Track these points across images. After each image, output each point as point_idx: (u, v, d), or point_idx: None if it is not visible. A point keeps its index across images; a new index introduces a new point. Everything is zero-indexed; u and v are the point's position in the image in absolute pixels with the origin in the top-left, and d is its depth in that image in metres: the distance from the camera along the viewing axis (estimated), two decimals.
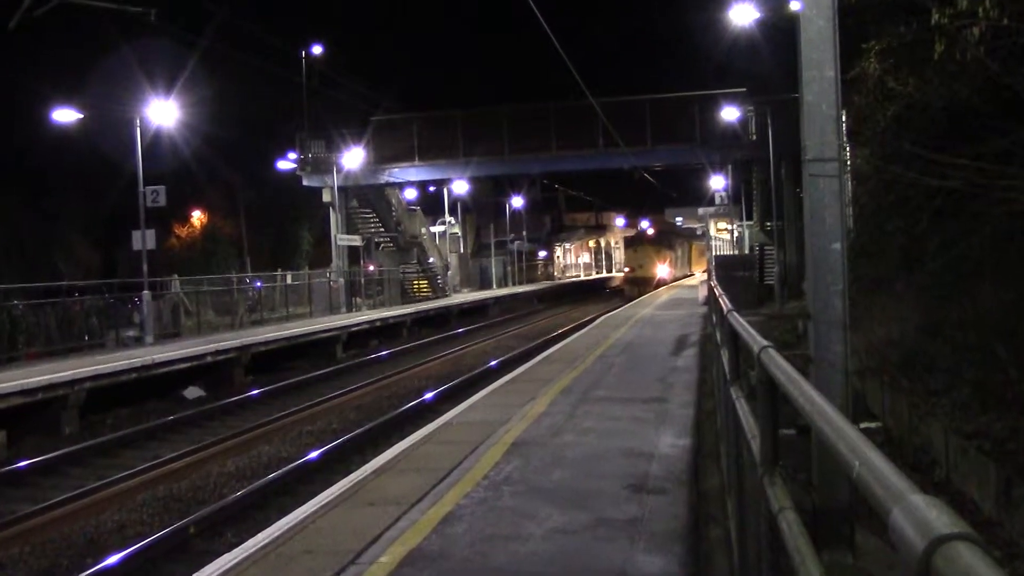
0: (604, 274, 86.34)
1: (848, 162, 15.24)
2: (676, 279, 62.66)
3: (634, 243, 62.16)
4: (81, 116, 25.40)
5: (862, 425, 10.67)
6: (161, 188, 24.55)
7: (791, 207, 34.05)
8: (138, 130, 24.04)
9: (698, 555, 5.76)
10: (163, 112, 25.58)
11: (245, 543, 6.21)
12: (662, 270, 58.33)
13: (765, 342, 3.59)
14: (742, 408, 4.37)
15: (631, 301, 42.39)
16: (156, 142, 28.01)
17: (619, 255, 70.95)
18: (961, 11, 9.11)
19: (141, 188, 23.96)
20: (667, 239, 64.74)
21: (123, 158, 28.99)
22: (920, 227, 13.41)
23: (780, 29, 20.14)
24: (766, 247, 34.60)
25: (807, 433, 3.07)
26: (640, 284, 55.13)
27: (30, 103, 35.47)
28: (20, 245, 42.77)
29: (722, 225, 55.24)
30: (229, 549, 6.64)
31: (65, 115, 25.20)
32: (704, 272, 63.74)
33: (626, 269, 60.42)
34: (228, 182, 51.83)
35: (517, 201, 63.74)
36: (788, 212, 34.35)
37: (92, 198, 45.55)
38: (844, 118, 10.96)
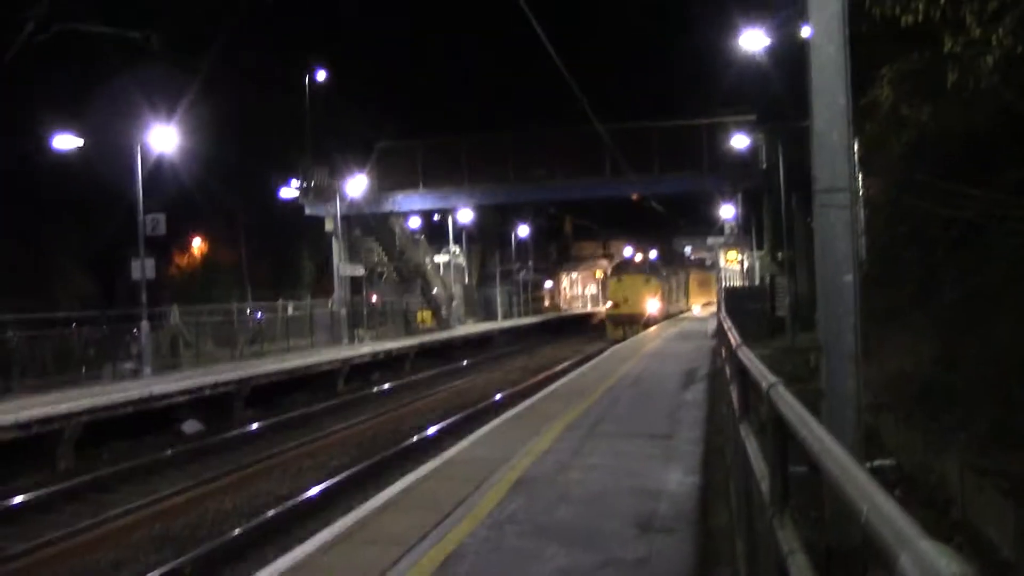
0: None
1: (860, 192, 15.28)
2: (669, 316, 53.06)
3: (618, 272, 52.32)
4: (81, 143, 25.56)
5: (875, 462, 10.61)
6: (161, 216, 24.67)
7: (802, 237, 34.05)
8: (139, 157, 24.16)
9: None
10: (163, 139, 25.67)
11: None
12: (652, 305, 48.79)
13: (774, 379, 3.59)
14: (751, 446, 4.37)
15: (614, 344, 35.75)
16: (156, 170, 28.11)
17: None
18: (974, 39, 9.16)
19: (141, 217, 24.07)
20: (657, 268, 55.39)
21: (122, 185, 29.11)
22: (935, 258, 13.40)
23: (790, 58, 20.25)
24: (777, 278, 34.55)
25: (819, 470, 3.07)
26: (625, 323, 46.93)
27: (27, 130, 35.69)
28: (16, 274, 42.85)
29: (732, 255, 54.54)
30: None
31: (65, 141, 25.36)
32: (704, 306, 61.72)
33: (608, 304, 50.84)
34: (229, 210, 51.99)
35: (523, 230, 63.74)
36: (799, 242, 34.35)
37: (90, 226, 45.69)
38: (856, 147, 11.00)
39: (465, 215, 49.31)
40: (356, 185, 38.51)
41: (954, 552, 1.44)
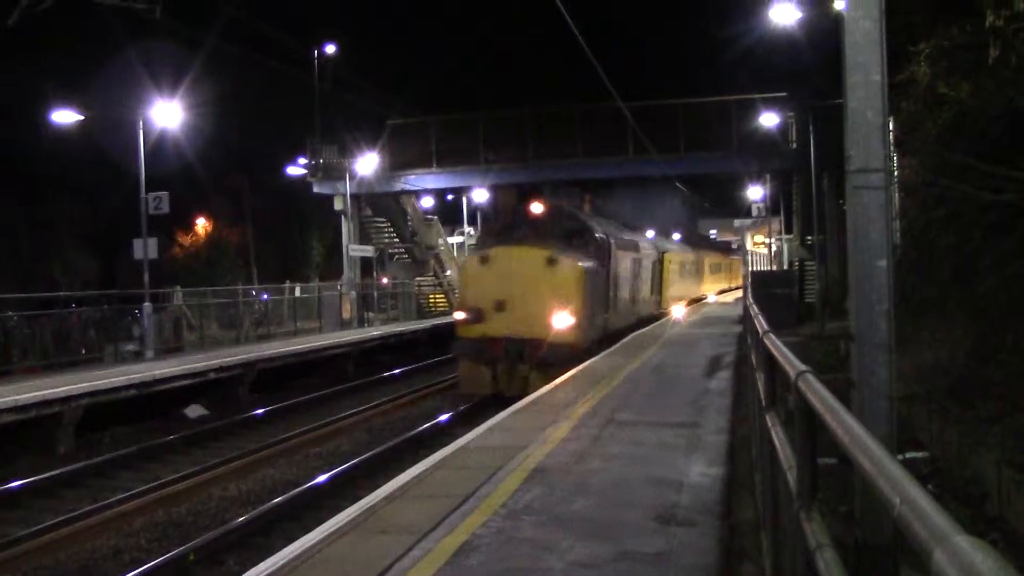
0: None
1: (895, 173, 15.18)
2: (609, 335, 24.46)
3: (488, 242, 24.09)
4: (81, 118, 25.60)
5: (908, 455, 10.60)
6: (164, 194, 24.66)
7: (833, 220, 33.88)
8: (141, 133, 24.19)
9: None
10: (166, 115, 25.67)
11: (247, 572, 6.22)
12: (561, 319, 20.46)
13: (803, 367, 3.58)
14: (778, 436, 4.36)
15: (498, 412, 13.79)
16: (159, 146, 28.21)
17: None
18: (1017, 13, 9.08)
19: (143, 194, 24.10)
20: (587, 229, 24.27)
21: (124, 162, 29.23)
22: (972, 243, 13.32)
23: (823, 30, 20.11)
24: (807, 262, 34.42)
25: (850, 462, 3.07)
26: (498, 356, 20.77)
27: (27, 104, 35.91)
28: (15, 254, 43.13)
29: (758, 238, 53.81)
30: None
31: (64, 116, 25.41)
32: (688, 306, 40.85)
33: (460, 315, 21.98)
34: (235, 188, 52.12)
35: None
36: (830, 225, 34.19)
37: (91, 204, 45.94)
38: (891, 126, 10.92)
39: (480, 195, 49.14)
40: (367, 163, 38.35)
41: (991, 548, 1.44)
